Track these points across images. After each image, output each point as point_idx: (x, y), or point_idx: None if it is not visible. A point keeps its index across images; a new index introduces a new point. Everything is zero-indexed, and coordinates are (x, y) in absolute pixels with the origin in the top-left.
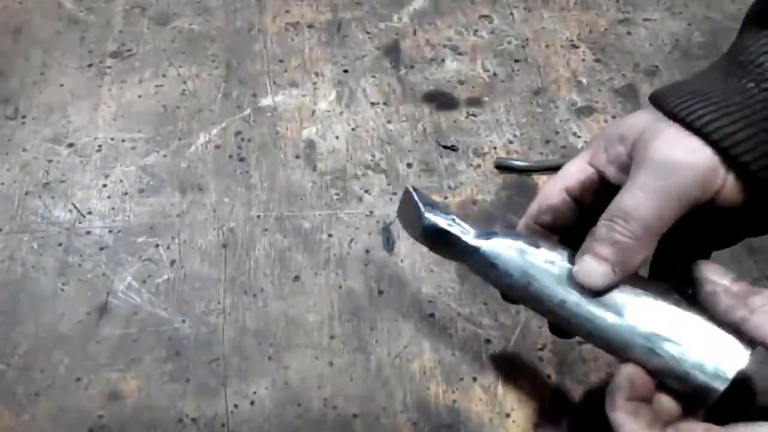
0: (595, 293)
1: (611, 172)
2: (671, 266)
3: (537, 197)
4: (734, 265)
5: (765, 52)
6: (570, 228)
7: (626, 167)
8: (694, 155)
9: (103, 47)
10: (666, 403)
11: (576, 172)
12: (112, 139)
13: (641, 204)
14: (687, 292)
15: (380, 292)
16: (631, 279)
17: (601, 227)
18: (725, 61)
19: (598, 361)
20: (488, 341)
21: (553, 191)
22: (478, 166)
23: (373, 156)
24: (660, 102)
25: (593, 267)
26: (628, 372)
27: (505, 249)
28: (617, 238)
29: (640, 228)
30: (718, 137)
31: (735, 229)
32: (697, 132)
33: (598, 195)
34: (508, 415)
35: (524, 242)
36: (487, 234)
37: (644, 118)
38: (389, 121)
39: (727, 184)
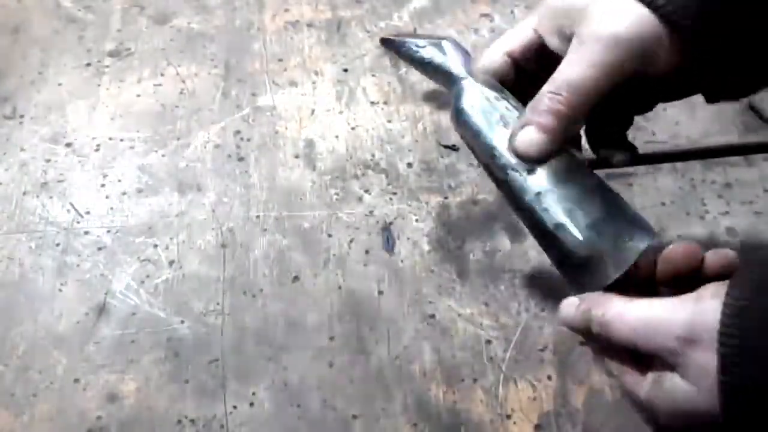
0: (533, 162)
1: (554, 43)
2: (603, 133)
3: (481, 58)
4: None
5: None
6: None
7: (569, 38)
8: (638, 28)
9: (101, 46)
10: None
11: (519, 37)
12: (110, 139)
13: (584, 76)
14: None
15: (380, 293)
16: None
17: (544, 98)
18: None
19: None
20: (489, 342)
21: (496, 54)
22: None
23: (373, 155)
24: None
25: (533, 136)
26: None
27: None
28: (559, 108)
29: (580, 99)
30: (661, 4)
31: (655, 92)
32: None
33: (538, 60)
34: (509, 417)
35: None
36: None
37: None
38: (389, 121)
39: (665, 52)
